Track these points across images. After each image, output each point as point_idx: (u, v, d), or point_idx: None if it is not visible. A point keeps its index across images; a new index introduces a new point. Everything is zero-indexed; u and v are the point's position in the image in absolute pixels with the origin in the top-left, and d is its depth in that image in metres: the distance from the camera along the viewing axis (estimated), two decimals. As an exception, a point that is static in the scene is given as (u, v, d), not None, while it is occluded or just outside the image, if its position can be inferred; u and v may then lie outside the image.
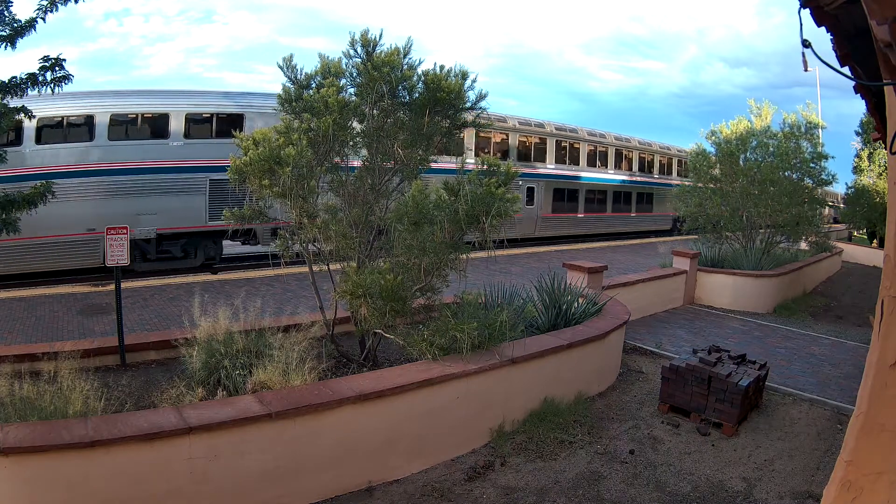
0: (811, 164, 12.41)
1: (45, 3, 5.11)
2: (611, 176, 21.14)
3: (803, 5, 1.95)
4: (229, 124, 10.76)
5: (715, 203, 11.59)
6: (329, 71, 4.88)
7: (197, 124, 10.98)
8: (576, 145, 19.71)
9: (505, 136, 17.14)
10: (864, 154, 25.64)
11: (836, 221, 29.51)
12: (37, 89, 5.23)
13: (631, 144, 22.36)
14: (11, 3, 5.02)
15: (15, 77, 5.13)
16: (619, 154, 21.77)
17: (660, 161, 24.06)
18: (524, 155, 17.81)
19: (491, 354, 4.47)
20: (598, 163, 20.66)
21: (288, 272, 8.71)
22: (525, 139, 17.92)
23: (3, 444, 2.85)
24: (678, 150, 24.81)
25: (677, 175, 24.18)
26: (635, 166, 22.53)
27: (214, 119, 11.05)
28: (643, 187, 22.80)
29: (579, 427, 4.74)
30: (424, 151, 5.16)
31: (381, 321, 4.51)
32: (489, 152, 15.96)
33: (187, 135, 10.69)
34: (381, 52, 4.89)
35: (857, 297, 12.74)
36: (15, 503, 2.94)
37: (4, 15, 4.98)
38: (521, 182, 16.53)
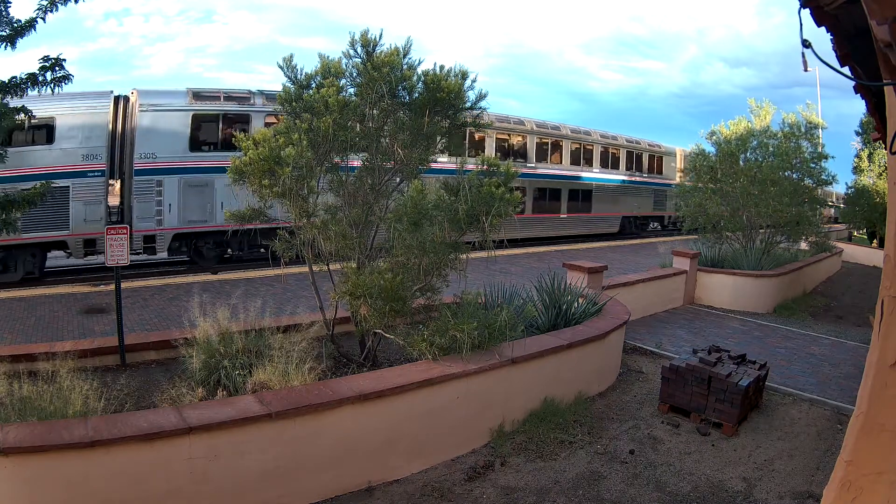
0: (811, 164, 12.42)
1: (45, 3, 5.10)
2: (530, 170, 17.45)
3: (803, 5, 1.95)
4: (37, 131, 10.21)
5: (715, 203, 11.59)
6: (329, 71, 4.88)
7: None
8: (481, 134, 16.44)
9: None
10: (864, 154, 25.65)
11: (835, 221, 29.51)
12: (37, 89, 5.22)
13: (561, 133, 18.98)
14: (10, 3, 5.01)
15: (15, 77, 5.12)
16: (542, 145, 18.39)
17: (603, 153, 20.61)
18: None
19: (491, 354, 4.47)
20: (512, 156, 17.19)
21: (288, 272, 8.71)
22: None
23: (3, 444, 2.85)
24: (628, 141, 21.94)
25: (626, 170, 21.56)
26: (567, 159, 19.07)
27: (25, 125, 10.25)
28: (577, 183, 19.45)
29: (579, 427, 4.74)
30: (424, 151, 5.16)
31: (381, 321, 4.51)
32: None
33: None
34: (381, 52, 4.89)
35: (857, 297, 12.74)
36: (15, 503, 2.94)
37: (2, 15, 4.97)
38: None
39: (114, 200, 10.94)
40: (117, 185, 10.98)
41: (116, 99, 10.94)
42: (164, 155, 10.91)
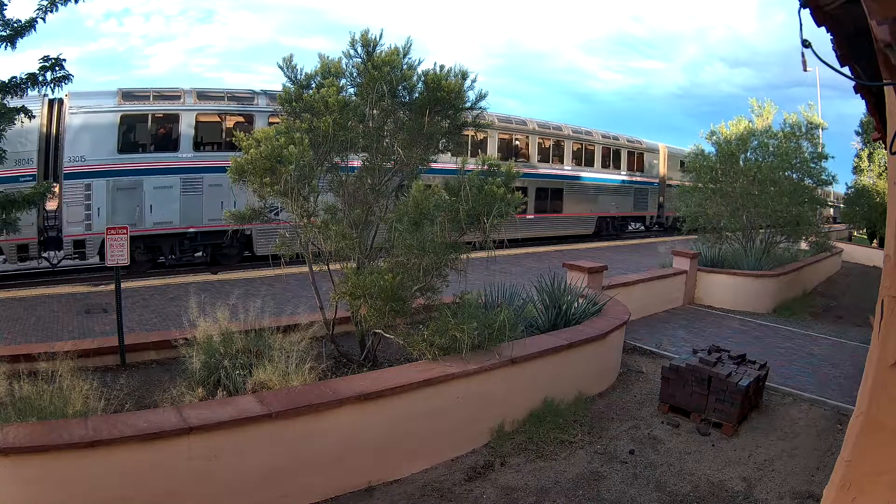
0: (811, 164, 12.44)
1: (45, 3, 5.10)
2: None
3: (803, 5, 1.95)
4: None
5: (715, 203, 11.60)
6: (329, 71, 4.88)
7: None
8: None
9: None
10: (864, 154, 25.70)
11: (834, 221, 29.50)
12: (37, 89, 5.23)
13: (528, 128, 17.72)
14: (6, 5, 5.01)
15: (15, 77, 5.12)
16: (506, 142, 17.23)
17: (576, 149, 19.38)
18: None
19: (491, 354, 4.47)
20: (475, 151, 15.36)
21: (288, 272, 8.70)
22: None
23: (3, 444, 2.84)
24: (604, 136, 20.51)
25: (602, 167, 20.29)
26: (534, 156, 17.89)
27: None
28: (547, 181, 18.21)
29: (579, 427, 4.74)
30: (424, 151, 5.16)
31: (381, 321, 4.51)
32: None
33: None
34: (381, 51, 4.89)
35: (857, 297, 12.74)
36: (15, 503, 2.94)
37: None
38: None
39: (51, 205, 10.75)
40: (57, 188, 10.70)
41: (51, 102, 10.62)
42: (93, 158, 10.61)
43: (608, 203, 20.70)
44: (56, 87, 5.25)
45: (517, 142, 17.71)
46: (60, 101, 10.72)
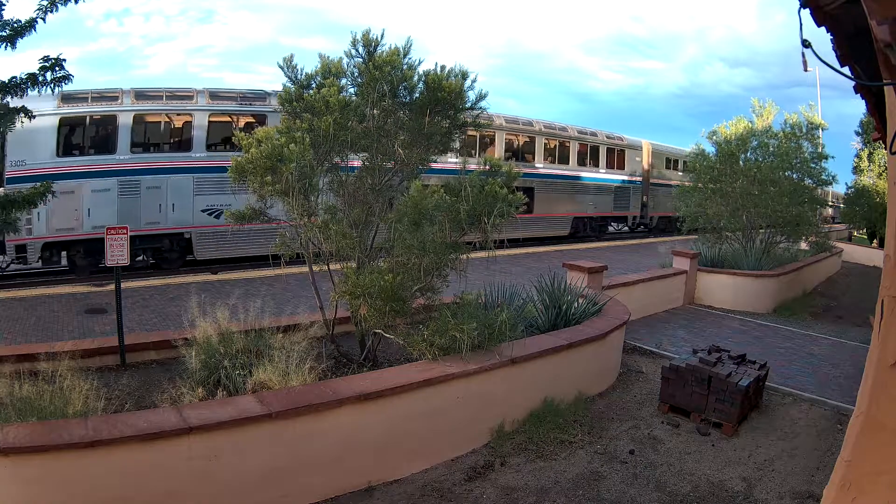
0: (811, 164, 12.44)
1: (45, 3, 5.10)
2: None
3: (803, 5, 1.95)
4: None
5: (715, 203, 11.60)
6: (329, 71, 4.88)
7: None
8: None
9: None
10: (864, 154, 25.72)
11: (833, 221, 29.49)
12: (37, 89, 5.23)
13: (494, 124, 16.61)
14: (4, 6, 5.01)
15: (15, 77, 5.12)
16: (473, 137, 16.26)
17: (547, 145, 18.20)
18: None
19: (491, 354, 4.47)
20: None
21: (288, 272, 8.70)
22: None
23: (3, 444, 2.84)
24: (580, 132, 19.18)
25: (579, 165, 19.12)
26: (501, 153, 16.86)
27: None
28: (517, 180, 17.69)
29: (579, 427, 4.74)
30: (424, 151, 5.16)
31: (381, 321, 4.51)
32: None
33: None
34: (382, 52, 4.89)
35: (857, 297, 12.74)
36: (15, 503, 2.94)
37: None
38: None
39: None
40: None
41: None
42: (32, 162, 10.39)
43: (585, 203, 19.62)
44: (56, 88, 5.26)
45: (484, 139, 16.73)
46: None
